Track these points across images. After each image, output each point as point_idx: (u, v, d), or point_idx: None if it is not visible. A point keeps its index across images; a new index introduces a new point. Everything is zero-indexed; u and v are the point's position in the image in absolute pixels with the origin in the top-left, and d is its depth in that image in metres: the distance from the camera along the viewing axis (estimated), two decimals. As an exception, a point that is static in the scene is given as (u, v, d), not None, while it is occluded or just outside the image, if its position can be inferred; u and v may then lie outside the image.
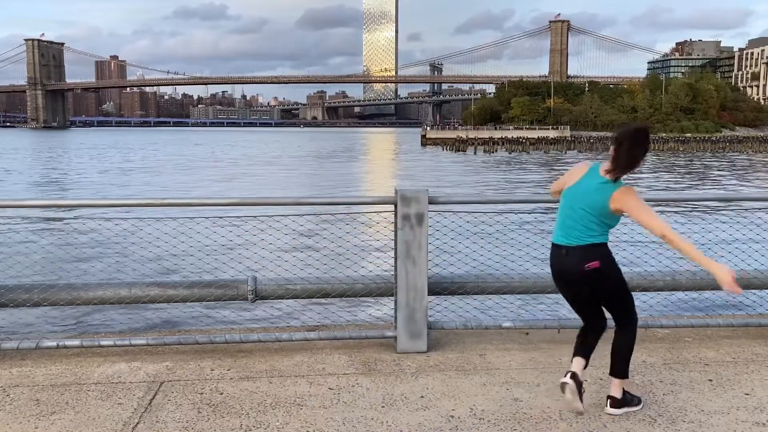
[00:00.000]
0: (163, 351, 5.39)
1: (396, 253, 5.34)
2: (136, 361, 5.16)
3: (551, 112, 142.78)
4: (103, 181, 47.05)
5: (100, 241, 14.20)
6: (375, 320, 10.04)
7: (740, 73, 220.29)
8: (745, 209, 6.62)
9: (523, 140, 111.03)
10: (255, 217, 5.83)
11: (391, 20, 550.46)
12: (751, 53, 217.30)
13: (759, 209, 6.70)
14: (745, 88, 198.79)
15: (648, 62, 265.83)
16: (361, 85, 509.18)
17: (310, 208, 8.60)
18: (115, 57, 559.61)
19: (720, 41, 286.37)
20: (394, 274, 5.43)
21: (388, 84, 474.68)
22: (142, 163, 69.51)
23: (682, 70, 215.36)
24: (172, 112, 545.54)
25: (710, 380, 4.85)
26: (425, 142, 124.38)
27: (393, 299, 5.52)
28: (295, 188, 41.46)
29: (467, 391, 4.64)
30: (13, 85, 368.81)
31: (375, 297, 5.80)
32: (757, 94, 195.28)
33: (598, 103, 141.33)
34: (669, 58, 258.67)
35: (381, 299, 6.51)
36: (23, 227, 20.06)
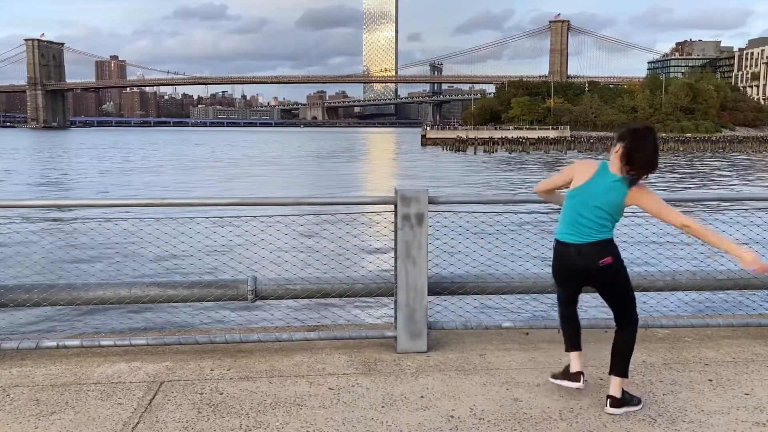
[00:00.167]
0: (163, 351, 5.39)
1: (396, 253, 5.34)
2: (136, 361, 5.16)
3: (551, 112, 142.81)
4: (104, 181, 47.07)
5: (100, 241, 14.19)
6: (375, 320, 10.06)
7: (740, 73, 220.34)
8: (746, 209, 6.61)
9: (523, 140, 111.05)
10: (255, 217, 5.83)
11: (391, 20, 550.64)
12: (751, 53, 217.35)
13: (759, 209, 6.69)
14: (745, 88, 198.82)
15: (648, 62, 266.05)
16: (361, 85, 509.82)
17: (310, 208, 8.61)
18: (115, 57, 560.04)
19: (720, 41, 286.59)
20: (394, 274, 5.42)
21: (388, 84, 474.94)
22: (142, 164, 69.54)
23: (682, 70, 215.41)
24: (172, 112, 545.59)
25: (710, 380, 4.85)
26: (425, 142, 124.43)
27: (393, 299, 5.52)
28: (296, 188, 41.47)
29: (467, 391, 4.64)
30: (13, 85, 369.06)
31: (375, 297, 5.79)
32: (757, 94, 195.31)
33: (598, 103, 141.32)
34: (669, 58, 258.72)
35: (381, 299, 6.50)
36: (23, 227, 20.06)
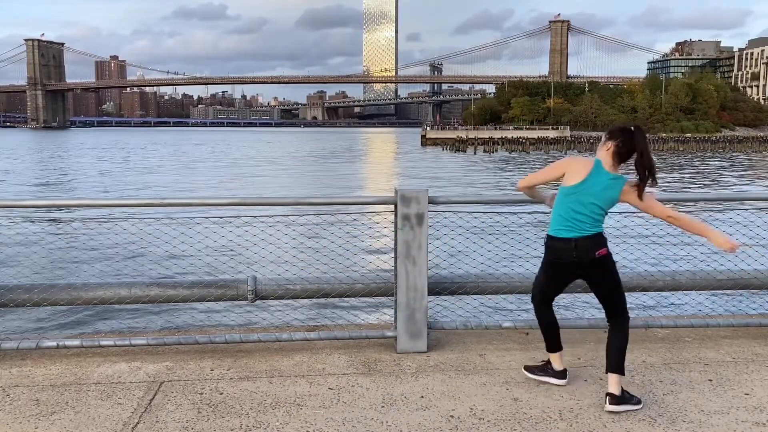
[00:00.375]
0: (163, 351, 5.39)
1: (396, 253, 5.34)
2: (136, 361, 5.16)
3: (551, 112, 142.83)
4: (104, 181, 47.05)
5: (100, 241, 14.21)
6: (375, 320, 10.06)
7: (740, 73, 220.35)
8: (746, 209, 6.61)
9: (523, 140, 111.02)
10: (255, 217, 5.83)
11: (391, 20, 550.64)
12: (751, 53, 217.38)
13: (760, 209, 6.69)
14: (745, 88, 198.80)
15: (648, 62, 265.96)
16: (361, 85, 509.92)
17: (310, 208, 8.60)
18: (115, 57, 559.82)
19: (720, 41, 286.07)
20: (394, 274, 5.43)
21: (388, 84, 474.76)
22: (142, 164, 69.52)
23: (682, 70, 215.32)
24: (172, 112, 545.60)
25: (710, 380, 4.85)
26: (425, 142, 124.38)
27: (393, 299, 5.52)
28: (296, 188, 41.46)
29: (467, 391, 4.64)
30: (13, 85, 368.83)
31: (375, 297, 5.79)
32: (757, 94, 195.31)
33: (598, 103, 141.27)
34: (669, 58, 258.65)
35: (381, 299, 6.50)
36: (23, 227, 20.04)
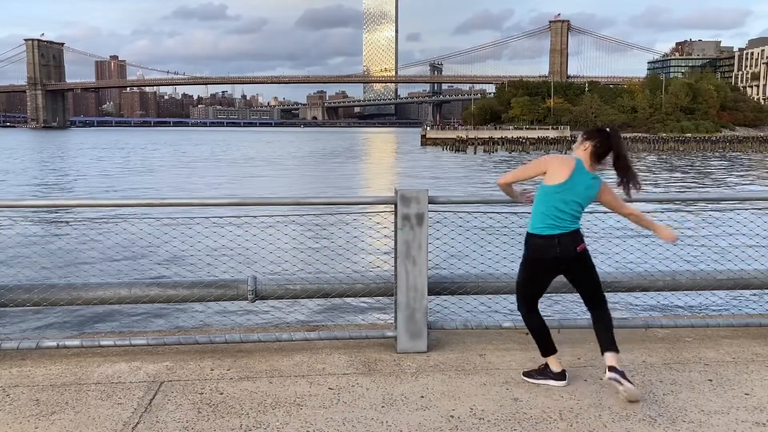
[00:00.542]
0: (163, 351, 5.39)
1: (396, 253, 5.34)
2: (136, 361, 5.16)
3: (551, 112, 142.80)
4: (104, 182, 47.04)
5: (100, 241, 14.20)
6: (375, 320, 10.05)
7: (740, 73, 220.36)
8: (746, 209, 6.61)
9: (523, 140, 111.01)
10: (255, 217, 5.83)
11: (391, 20, 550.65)
12: (751, 53, 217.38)
13: (760, 209, 6.69)
14: (745, 88, 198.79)
15: (648, 62, 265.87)
16: (361, 85, 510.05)
17: (310, 208, 8.60)
18: (115, 57, 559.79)
19: (720, 41, 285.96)
20: (394, 274, 5.43)
21: (388, 84, 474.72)
22: (143, 164, 69.52)
23: (682, 70, 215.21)
24: (172, 112, 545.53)
25: (710, 380, 4.85)
26: (425, 142, 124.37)
27: (393, 299, 5.52)
28: (297, 188, 41.45)
29: (467, 391, 4.64)
30: (13, 85, 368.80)
31: (375, 297, 5.79)
32: (757, 94, 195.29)
33: (598, 103, 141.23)
34: (669, 58, 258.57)
35: (381, 299, 6.50)
36: (23, 227, 20.05)
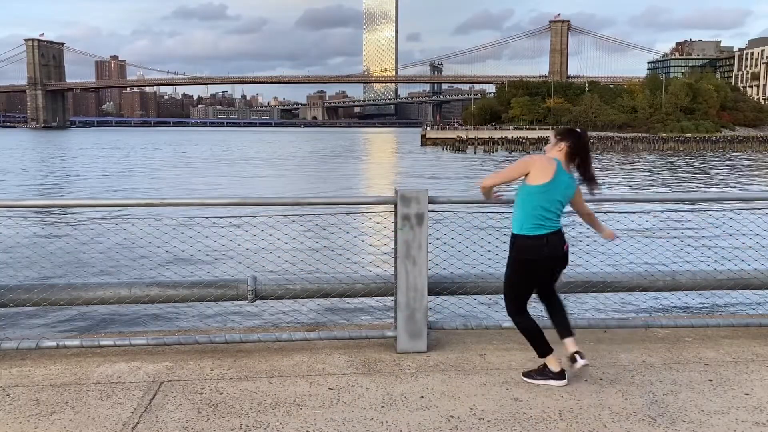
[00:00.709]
0: (163, 351, 5.39)
1: (396, 253, 5.34)
2: (136, 361, 5.16)
3: (551, 112, 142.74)
4: (106, 182, 47.05)
5: (100, 241, 14.19)
6: (375, 320, 10.05)
7: (740, 73, 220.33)
8: (746, 209, 6.61)
9: (523, 140, 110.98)
10: (255, 217, 5.83)
11: (391, 20, 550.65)
12: (751, 53, 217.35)
13: (759, 209, 6.69)
14: (745, 88, 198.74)
15: (648, 62, 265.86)
16: (361, 85, 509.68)
17: (310, 208, 8.60)
18: (115, 57, 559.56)
19: (720, 41, 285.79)
20: (394, 274, 5.43)
21: (388, 84, 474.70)
22: (143, 164, 69.52)
23: (682, 70, 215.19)
24: (172, 112, 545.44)
25: (710, 380, 4.85)
26: (425, 142, 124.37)
27: (393, 299, 5.52)
28: (297, 188, 41.46)
29: (467, 391, 4.64)
30: (13, 85, 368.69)
31: (375, 297, 5.79)
32: (757, 94, 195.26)
33: (598, 103, 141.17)
34: (669, 58, 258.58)
35: (381, 299, 6.50)
36: (23, 227, 20.05)
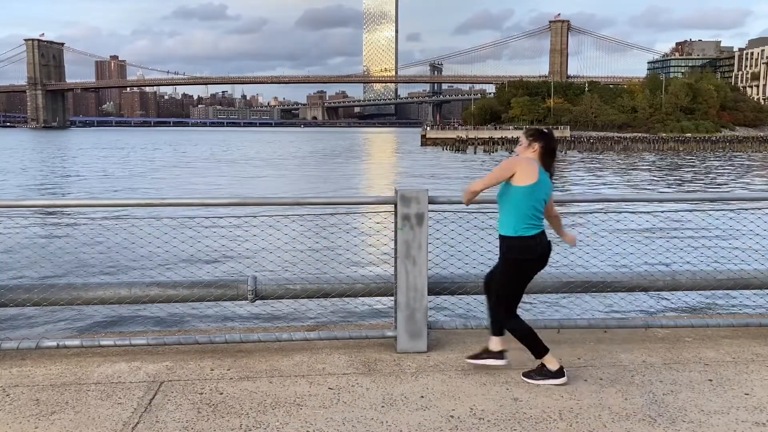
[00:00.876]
0: (163, 351, 5.39)
1: (396, 253, 5.34)
2: (136, 361, 5.16)
3: (551, 112, 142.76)
4: (106, 182, 47.04)
5: (100, 241, 14.21)
6: (375, 320, 10.05)
7: (740, 73, 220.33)
8: (746, 209, 6.61)
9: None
10: (255, 217, 5.84)
11: (391, 20, 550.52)
12: (751, 53, 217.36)
13: (760, 209, 6.70)
14: (745, 88, 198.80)
15: (648, 62, 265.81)
16: (361, 85, 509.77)
17: (310, 208, 8.61)
18: (115, 57, 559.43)
19: (720, 41, 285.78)
20: (394, 274, 5.43)
21: (388, 84, 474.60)
22: (143, 164, 69.52)
23: (682, 70, 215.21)
24: (172, 112, 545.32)
25: (710, 380, 4.85)
26: (425, 142, 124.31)
27: (393, 299, 5.52)
28: (297, 187, 41.45)
29: (467, 391, 4.64)
30: (13, 85, 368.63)
31: (375, 297, 5.79)
32: (757, 94, 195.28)
33: (598, 103, 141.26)
34: (669, 58, 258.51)
35: (381, 299, 6.50)
36: (23, 227, 20.05)
